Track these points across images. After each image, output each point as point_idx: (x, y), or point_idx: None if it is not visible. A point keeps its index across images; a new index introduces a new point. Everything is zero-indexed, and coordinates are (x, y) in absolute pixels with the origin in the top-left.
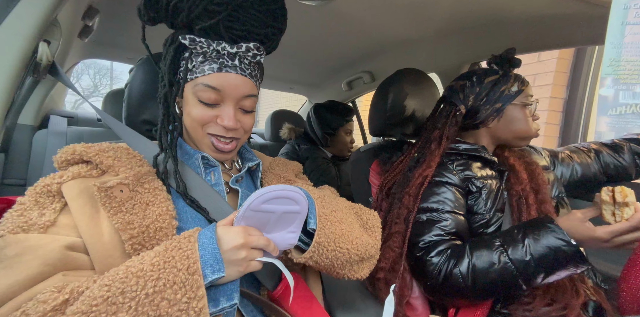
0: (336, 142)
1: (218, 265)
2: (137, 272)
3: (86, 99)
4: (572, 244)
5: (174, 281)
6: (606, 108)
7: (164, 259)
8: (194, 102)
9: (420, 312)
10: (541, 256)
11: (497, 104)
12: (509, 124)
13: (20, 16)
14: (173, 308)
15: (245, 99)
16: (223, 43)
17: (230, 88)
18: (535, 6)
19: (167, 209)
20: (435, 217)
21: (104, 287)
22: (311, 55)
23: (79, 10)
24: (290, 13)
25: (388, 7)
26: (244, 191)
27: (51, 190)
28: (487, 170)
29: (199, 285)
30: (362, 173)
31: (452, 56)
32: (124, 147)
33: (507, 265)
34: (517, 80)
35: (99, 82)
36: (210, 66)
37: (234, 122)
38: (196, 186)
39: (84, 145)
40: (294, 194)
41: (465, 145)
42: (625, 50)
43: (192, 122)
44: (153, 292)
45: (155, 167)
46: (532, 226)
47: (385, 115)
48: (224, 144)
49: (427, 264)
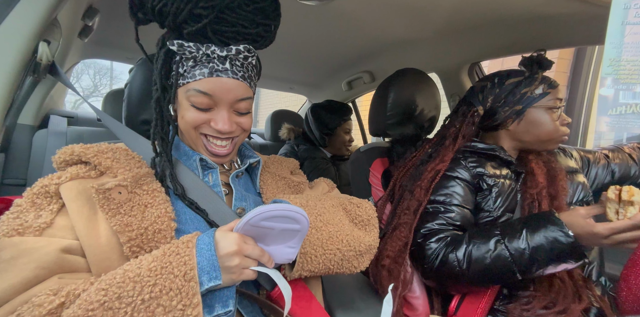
0: (335, 142)
1: (215, 272)
2: (134, 277)
3: (85, 100)
4: (569, 235)
5: (170, 287)
6: (606, 108)
7: (161, 265)
8: (186, 106)
9: (420, 312)
10: (537, 245)
11: (517, 106)
12: (531, 127)
13: (20, 16)
14: (168, 315)
15: (240, 102)
16: (212, 46)
17: (223, 93)
18: (535, 6)
19: (166, 211)
20: (441, 209)
21: (100, 292)
22: (311, 55)
23: (79, 10)
24: (290, 13)
25: (388, 7)
26: (237, 192)
27: (49, 191)
28: (503, 169)
29: (195, 292)
30: (362, 173)
31: (452, 56)
32: (123, 148)
33: (503, 252)
34: (544, 83)
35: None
36: (201, 71)
37: (229, 126)
38: (195, 187)
39: (83, 146)
40: (295, 214)
41: (482, 145)
42: (625, 50)
43: (185, 125)
44: (149, 298)
45: (154, 169)
46: (534, 218)
47: (385, 115)
48: (219, 147)
49: (426, 248)
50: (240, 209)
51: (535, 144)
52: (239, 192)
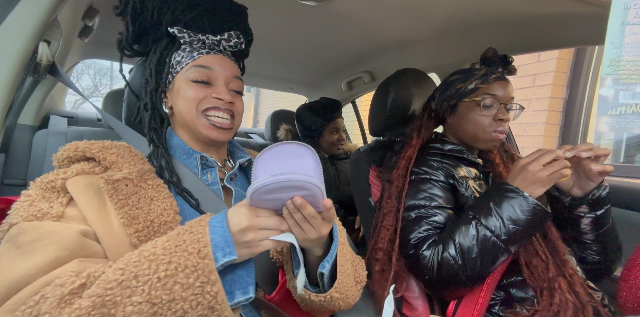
0: (322, 143)
1: (229, 248)
2: (149, 256)
3: (87, 99)
4: (517, 190)
5: (186, 264)
6: (606, 108)
7: (175, 243)
8: (187, 86)
9: (420, 312)
10: (507, 214)
11: (452, 101)
12: (462, 122)
13: (20, 16)
14: (187, 292)
15: (234, 79)
16: (207, 34)
17: (220, 67)
18: (535, 6)
19: (171, 204)
20: (423, 213)
21: (117, 271)
22: (311, 55)
23: (79, 10)
24: (290, 13)
25: (388, 7)
26: (237, 191)
27: (55, 186)
28: (472, 170)
29: (211, 269)
30: (362, 173)
31: (452, 56)
32: (126, 145)
33: (485, 232)
34: (480, 78)
35: (99, 82)
36: (199, 52)
37: (229, 96)
38: (194, 186)
39: (87, 142)
40: (298, 183)
41: (449, 146)
42: (625, 50)
43: (187, 104)
44: (165, 276)
45: (151, 162)
46: (494, 191)
47: (385, 115)
48: (222, 119)
49: (421, 258)
50: None
51: (470, 140)
52: (238, 192)
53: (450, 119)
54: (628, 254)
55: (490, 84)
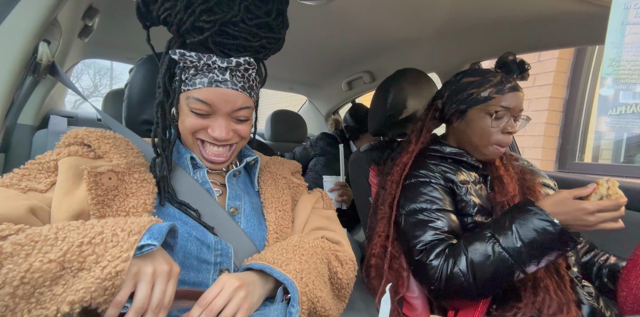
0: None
1: (160, 237)
2: (88, 224)
3: (86, 99)
4: (555, 223)
5: (112, 239)
6: (606, 108)
7: (115, 220)
8: (186, 112)
9: (420, 312)
10: (530, 240)
11: (462, 105)
12: (468, 128)
13: (20, 16)
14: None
15: (239, 110)
16: (214, 57)
17: (221, 103)
18: (535, 6)
19: (145, 202)
20: (426, 216)
21: (53, 229)
22: (311, 55)
23: (79, 10)
24: (290, 13)
25: (388, 7)
26: (231, 191)
27: (49, 167)
28: (472, 173)
29: (130, 246)
30: (362, 173)
31: (452, 56)
32: (125, 139)
33: (502, 255)
34: (494, 87)
35: (99, 82)
36: (201, 80)
37: (225, 133)
38: (189, 189)
39: (87, 130)
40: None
41: (449, 149)
42: (625, 50)
43: (184, 130)
44: (88, 243)
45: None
46: (517, 211)
47: (385, 115)
48: (215, 155)
49: (428, 267)
50: (234, 208)
51: (470, 147)
52: (233, 191)
53: (456, 123)
54: (628, 254)
55: (504, 94)
